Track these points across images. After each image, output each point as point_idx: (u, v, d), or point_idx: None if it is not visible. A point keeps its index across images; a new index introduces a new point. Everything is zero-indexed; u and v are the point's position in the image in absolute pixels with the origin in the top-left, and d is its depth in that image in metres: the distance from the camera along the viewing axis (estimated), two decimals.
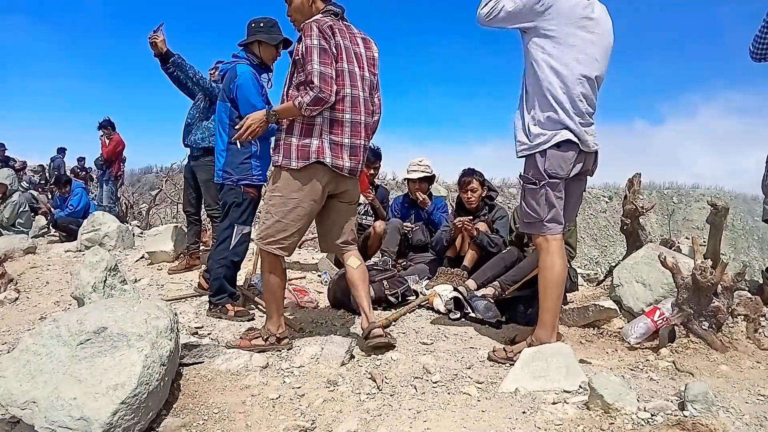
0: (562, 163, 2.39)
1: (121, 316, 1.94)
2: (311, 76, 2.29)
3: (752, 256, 22.85)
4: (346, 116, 2.45)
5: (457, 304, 3.27)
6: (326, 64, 2.32)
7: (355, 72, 2.47)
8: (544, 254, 2.46)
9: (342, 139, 2.45)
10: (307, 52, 2.31)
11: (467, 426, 1.80)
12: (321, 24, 2.36)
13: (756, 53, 3.22)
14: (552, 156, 2.38)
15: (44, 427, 1.68)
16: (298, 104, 2.31)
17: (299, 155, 2.39)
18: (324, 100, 2.31)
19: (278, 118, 2.41)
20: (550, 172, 2.40)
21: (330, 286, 3.54)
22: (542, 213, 2.43)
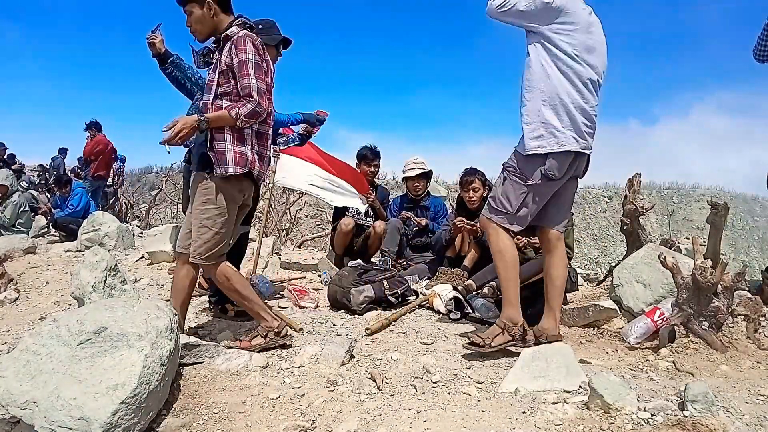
0: (560, 165, 2.41)
1: (121, 316, 1.94)
2: (250, 89, 2.34)
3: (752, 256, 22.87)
4: (269, 129, 2.58)
5: (457, 304, 3.27)
6: (261, 79, 2.39)
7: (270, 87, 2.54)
8: (496, 238, 2.51)
9: (264, 151, 2.58)
10: (243, 66, 2.35)
11: (467, 426, 1.80)
12: (255, 40, 2.42)
13: (760, 55, 3.25)
14: (553, 157, 2.39)
15: (44, 427, 1.68)
16: (234, 115, 2.33)
17: (237, 162, 2.41)
18: (260, 114, 2.39)
19: (209, 125, 2.37)
20: (549, 174, 2.41)
21: (330, 286, 3.54)
22: (514, 208, 2.46)
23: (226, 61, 2.38)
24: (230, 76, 2.39)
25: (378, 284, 3.40)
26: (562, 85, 2.37)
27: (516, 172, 2.45)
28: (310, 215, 13.90)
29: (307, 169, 4.55)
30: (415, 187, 4.75)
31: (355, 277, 3.46)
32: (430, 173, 4.87)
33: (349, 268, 3.69)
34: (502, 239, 2.50)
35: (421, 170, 4.71)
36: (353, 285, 3.39)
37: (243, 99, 2.35)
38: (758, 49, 3.24)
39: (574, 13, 2.37)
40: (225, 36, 2.44)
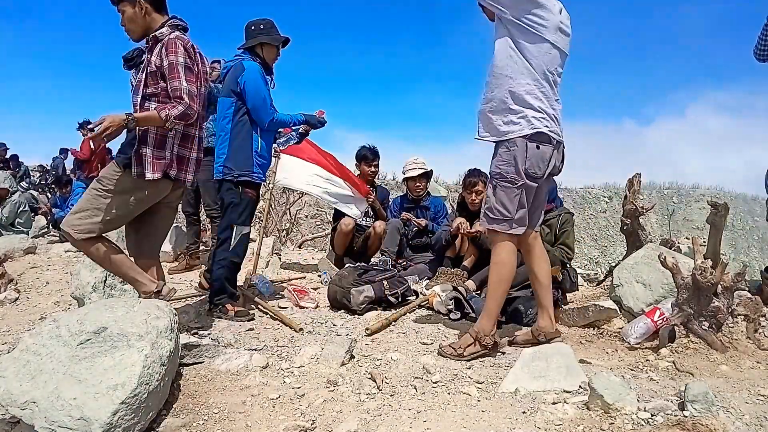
0: (540, 162, 2.43)
1: (121, 316, 1.94)
2: (180, 92, 2.35)
3: (752, 256, 22.86)
4: (194, 132, 2.58)
5: (457, 304, 3.27)
6: (192, 82, 2.40)
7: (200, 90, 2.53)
8: (500, 250, 2.51)
9: (189, 153, 2.57)
10: (173, 69, 2.36)
11: (467, 426, 1.80)
12: (185, 42, 2.42)
13: (760, 54, 3.26)
14: (532, 156, 2.41)
15: (44, 427, 1.68)
16: (164, 116, 2.33)
17: (155, 167, 2.41)
18: (190, 116, 2.40)
19: (137, 125, 2.36)
20: (530, 172, 2.43)
21: (330, 286, 3.54)
22: (512, 212, 2.46)
23: (155, 62, 2.37)
24: (159, 78, 2.38)
25: (378, 284, 3.40)
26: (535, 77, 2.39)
27: (504, 178, 2.47)
28: (310, 215, 13.89)
29: (308, 169, 4.55)
30: (416, 187, 4.76)
31: (355, 277, 3.46)
32: (431, 173, 4.88)
33: (349, 268, 3.70)
34: (506, 253, 2.50)
35: (422, 170, 4.72)
36: (353, 285, 3.39)
37: (174, 101, 2.35)
38: (759, 49, 3.25)
39: (548, 7, 2.40)
40: (154, 37, 2.42)
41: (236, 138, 3.18)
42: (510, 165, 2.44)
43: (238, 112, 3.18)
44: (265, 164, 3.31)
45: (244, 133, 3.18)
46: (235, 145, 3.17)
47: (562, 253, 3.63)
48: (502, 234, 2.50)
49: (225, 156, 3.19)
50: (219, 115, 3.31)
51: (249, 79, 3.13)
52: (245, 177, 3.17)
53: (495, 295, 2.52)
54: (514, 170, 2.43)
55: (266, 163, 3.33)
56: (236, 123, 3.19)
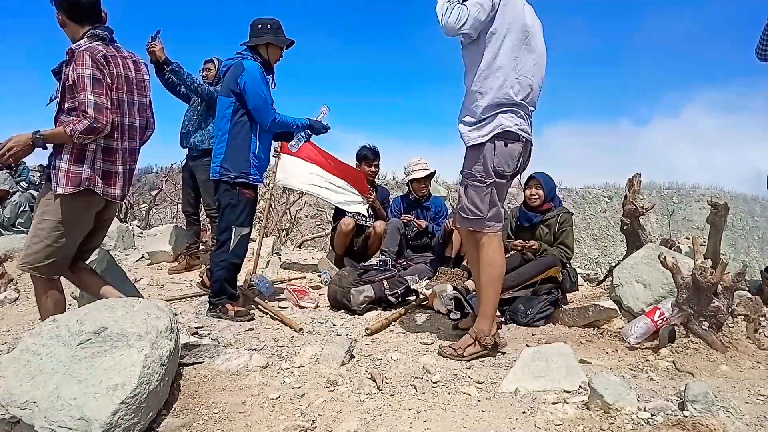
0: (509, 160, 2.45)
1: (121, 316, 1.94)
2: (85, 106, 2.28)
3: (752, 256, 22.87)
4: (119, 144, 2.48)
5: (457, 304, 3.27)
6: (100, 94, 2.32)
7: (125, 100, 2.48)
8: (486, 250, 2.51)
9: (115, 167, 2.48)
10: (80, 82, 2.29)
11: (467, 426, 1.80)
12: (94, 53, 2.34)
13: (762, 54, 3.26)
14: (500, 154, 2.42)
15: (44, 427, 1.68)
16: (70, 131, 2.28)
17: (68, 182, 2.35)
18: (98, 129, 2.32)
19: (45, 142, 2.33)
20: (498, 170, 2.44)
21: (330, 286, 3.54)
22: (485, 211, 2.47)
23: (71, 75, 2.33)
24: (74, 91, 2.33)
25: (378, 284, 3.41)
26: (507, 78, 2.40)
27: (473, 177, 2.48)
28: (310, 215, 13.90)
29: (308, 168, 4.55)
30: (421, 188, 4.75)
31: (355, 277, 3.46)
32: (434, 174, 4.88)
33: (349, 268, 3.70)
34: (493, 251, 2.52)
35: (427, 171, 4.70)
36: (353, 285, 3.39)
37: (79, 115, 2.30)
38: (760, 48, 3.25)
39: (513, 7, 2.41)
40: (70, 49, 2.37)
41: (234, 138, 3.15)
42: (479, 164, 2.46)
43: (237, 113, 3.15)
44: (263, 165, 3.29)
45: (243, 134, 3.15)
46: (233, 146, 3.15)
47: (561, 252, 3.63)
48: (478, 233, 2.52)
49: (222, 156, 3.16)
50: (217, 115, 3.27)
51: (249, 79, 3.09)
52: (242, 179, 3.14)
53: (488, 296, 2.53)
54: (482, 169, 2.45)
55: (264, 164, 3.31)
56: (235, 123, 3.15)
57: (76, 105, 2.31)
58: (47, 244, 2.39)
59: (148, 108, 2.68)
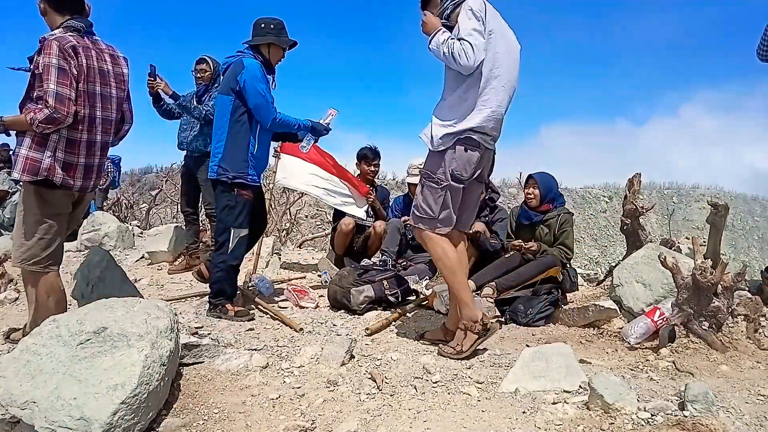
0: (467, 165, 2.47)
1: (121, 316, 1.94)
2: (46, 95, 2.27)
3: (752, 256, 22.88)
4: (83, 136, 2.46)
5: None
6: (64, 84, 2.30)
7: (96, 92, 2.47)
8: (433, 245, 2.56)
9: (77, 159, 2.45)
10: (45, 71, 2.29)
11: (467, 426, 1.80)
12: (63, 43, 2.32)
13: (763, 55, 3.26)
14: (459, 158, 2.45)
15: (44, 427, 1.68)
16: (30, 119, 2.28)
17: (25, 168, 2.34)
18: (59, 120, 2.30)
19: (6, 128, 2.34)
20: (455, 174, 2.46)
21: (330, 286, 3.54)
22: (436, 212, 2.51)
23: (40, 64, 2.32)
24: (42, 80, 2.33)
25: (378, 284, 3.40)
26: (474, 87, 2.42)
27: (431, 178, 2.51)
28: (310, 215, 13.89)
29: (308, 169, 4.55)
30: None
31: (355, 277, 3.46)
32: None
33: (349, 268, 3.70)
34: (440, 246, 2.55)
35: None
36: (353, 285, 3.39)
37: (40, 104, 2.29)
38: (762, 49, 3.25)
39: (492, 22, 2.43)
40: (43, 37, 2.37)
41: (233, 138, 3.13)
42: (438, 166, 2.49)
43: (236, 111, 3.12)
44: (261, 166, 3.27)
45: (242, 134, 3.13)
46: (232, 146, 3.12)
47: (561, 253, 3.63)
48: (427, 232, 2.55)
49: (220, 156, 3.14)
50: (216, 114, 3.25)
51: (249, 77, 3.07)
52: (240, 179, 3.12)
53: (457, 287, 2.56)
54: (441, 171, 2.48)
55: (262, 165, 3.29)
56: (234, 122, 3.13)
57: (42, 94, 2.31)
58: (39, 238, 2.42)
59: (126, 101, 2.67)
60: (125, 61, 2.65)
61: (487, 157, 2.61)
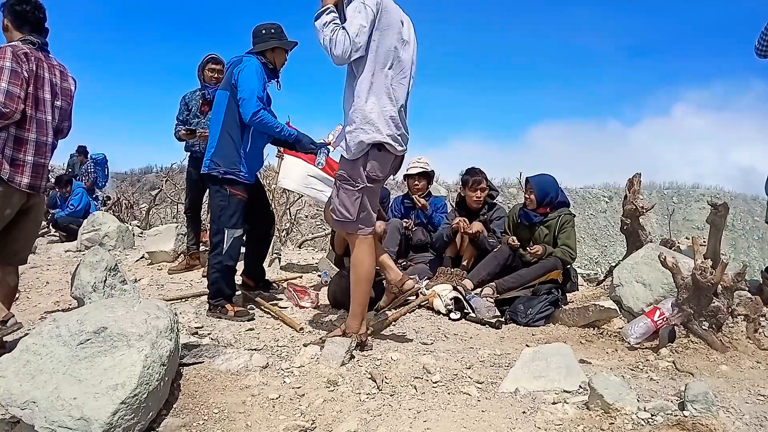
0: (382, 166, 2.49)
1: (121, 316, 1.94)
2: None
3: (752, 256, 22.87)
4: (32, 136, 2.60)
5: (457, 304, 3.27)
6: (15, 84, 2.47)
7: (45, 99, 2.65)
8: (356, 251, 2.58)
9: (25, 156, 2.59)
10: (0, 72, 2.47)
11: (467, 426, 1.80)
12: (16, 49, 2.52)
13: (759, 51, 3.26)
14: (374, 159, 2.46)
15: (44, 427, 1.68)
16: None
17: None
18: (7, 116, 2.45)
19: None
20: (371, 176, 2.48)
21: (330, 286, 3.54)
22: (353, 213, 2.52)
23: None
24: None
25: (378, 284, 3.40)
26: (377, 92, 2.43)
27: (346, 181, 2.52)
28: (310, 215, 13.89)
29: (307, 170, 4.54)
30: (414, 186, 4.74)
31: None
32: (432, 174, 4.85)
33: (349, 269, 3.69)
34: (362, 252, 2.57)
35: (423, 169, 4.69)
36: None
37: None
38: (762, 46, 3.25)
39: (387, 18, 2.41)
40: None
41: (227, 133, 3.12)
42: (353, 168, 2.50)
43: (231, 107, 3.12)
44: (254, 165, 3.25)
45: (234, 129, 3.12)
46: (225, 140, 3.11)
47: (564, 252, 3.63)
48: (350, 235, 2.57)
49: (213, 150, 3.14)
50: (213, 109, 3.26)
51: (244, 71, 3.08)
52: (231, 175, 3.11)
53: (356, 295, 2.59)
54: (356, 174, 2.49)
55: (256, 165, 3.28)
56: (228, 118, 3.12)
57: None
58: None
59: (69, 114, 2.86)
60: (73, 80, 2.86)
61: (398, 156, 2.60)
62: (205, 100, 4.39)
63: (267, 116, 3.14)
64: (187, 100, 4.47)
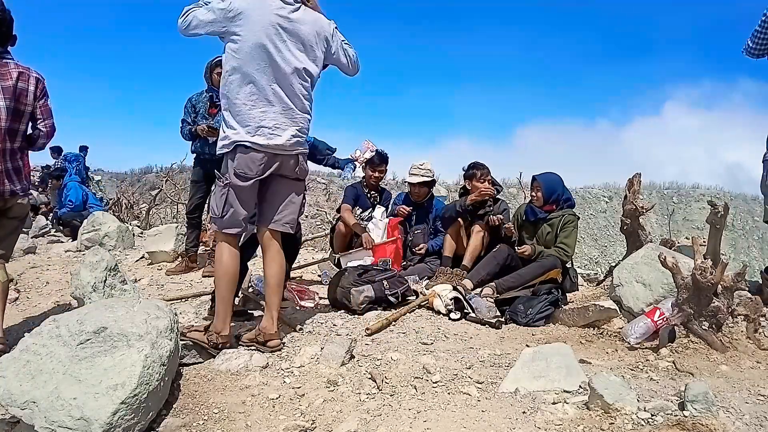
0: (250, 164, 2.47)
1: (121, 316, 1.94)
2: None
3: (752, 256, 22.87)
4: None
5: (457, 304, 3.27)
6: None
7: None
8: (217, 248, 2.57)
9: None
10: None
11: (467, 426, 1.80)
12: None
13: (754, 50, 3.24)
14: (240, 158, 2.46)
15: (44, 427, 1.68)
16: None
17: None
18: None
19: None
20: (238, 172, 2.47)
21: (330, 287, 3.54)
22: (219, 211, 2.52)
23: None
24: None
25: (378, 284, 3.40)
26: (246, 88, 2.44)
27: (219, 179, 2.54)
28: (310, 215, 13.89)
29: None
30: (414, 193, 4.71)
31: (355, 277, 3.46)
32: (433, 182, 4.78)
33: (349, 268, 3.69)
34: (223, 252, 2.55)
35: (423, 179, 4.60)
36: (353, 285, 3.39)
37: None
38: (756, 45, 3.23)
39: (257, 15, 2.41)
40: None
41: None
42: (224, 165, 2.52)
43: None
44: None
45: None
46: None
47: (559, 251, 3.66)
48: (218, 232, 2.58)
49: None
50: None
51: None
52: None
53: (218, 294, 2.56)
54: (225, 171, 2.51)
55: None
56: None
57: None
58: None
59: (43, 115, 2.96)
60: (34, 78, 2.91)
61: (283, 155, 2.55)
62: (212, 103, 4.39)
63: None
64: (194, 102, 4.46)
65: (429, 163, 4.68)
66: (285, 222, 2.64)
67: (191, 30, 2.46)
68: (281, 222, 2.63)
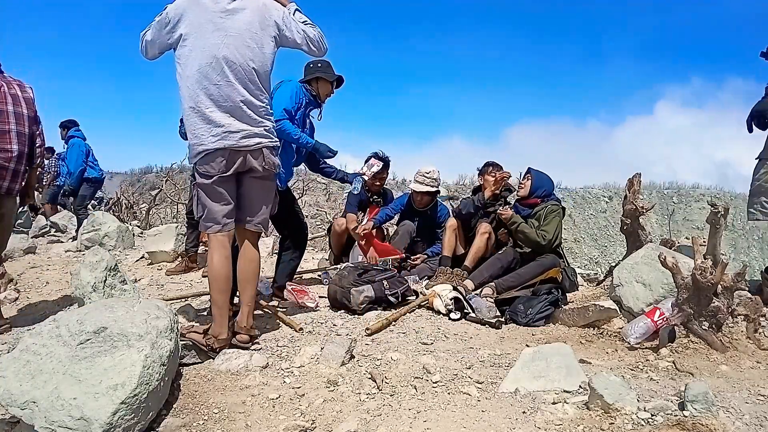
0: (211, 162, 2.49)
1: (121, 316, 1.94)
2: None
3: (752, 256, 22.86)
4: None
5: (457, 304, 3.27)
6: None
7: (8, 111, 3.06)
8: (209, 250, 2.59)
9: None
10: None
11: (467, 426, 1.80)
12: None
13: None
14: (202, 158, 2.50)
15: (44, 427, 1.68)
16: None
17: None
18: None
19: None
20: (201, 171, 2.52)
21: (330, 286, 3.54)
22: (196, 212, 2.58)
23: None
24: None
25: (378, 284, 3.40)
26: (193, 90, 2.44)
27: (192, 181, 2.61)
28: (310, 215, 13.88)
29: None
30: (418, 201, 4.68)
31: (355, 277, 3.46)
32: (437, 193, 4.72)
33: (349, 268, 3.69)
34: (213, 255, 2.55)
35: (428, 188, 4.55)
36: (353, 285, 3.39)
37: None
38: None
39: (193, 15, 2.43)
40: None
41: None
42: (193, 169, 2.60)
43: None
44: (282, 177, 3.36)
45: None
46: None
47: (538, 234, 3.76)
48: (207, 236, 2.61)
49: None
50: None
51: (279, 88, 3.33)
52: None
53: (212, 299, 2.59)
54: (195, 172, 2.57)
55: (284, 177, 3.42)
56: None
57: None
58: None
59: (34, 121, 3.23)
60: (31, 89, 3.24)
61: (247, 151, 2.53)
62: None
63: (287, 125, 3.32)
64: None
65: (436, 171, 4.58)
66: (257, 223, 2.70)
67: (149, 54, 2.55)
68: (253, 223, 2.69)
